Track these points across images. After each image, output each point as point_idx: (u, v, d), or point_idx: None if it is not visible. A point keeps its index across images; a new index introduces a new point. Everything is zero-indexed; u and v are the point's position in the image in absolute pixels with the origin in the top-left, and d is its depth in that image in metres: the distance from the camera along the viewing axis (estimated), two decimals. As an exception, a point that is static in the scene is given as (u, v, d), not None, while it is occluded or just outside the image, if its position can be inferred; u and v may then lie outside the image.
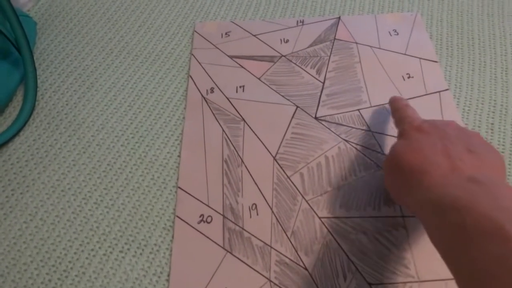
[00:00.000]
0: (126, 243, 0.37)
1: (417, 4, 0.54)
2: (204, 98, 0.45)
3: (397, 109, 0.39)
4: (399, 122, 0.37)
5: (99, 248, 0.36)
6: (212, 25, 0.52)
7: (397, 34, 0.50)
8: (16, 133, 0.43)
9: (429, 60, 0.48)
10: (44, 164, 0.41)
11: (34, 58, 0.49)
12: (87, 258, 0.36)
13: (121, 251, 0.36)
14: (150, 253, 0.36)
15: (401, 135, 0.35)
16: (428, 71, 0.47)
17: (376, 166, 0.40)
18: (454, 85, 0.46)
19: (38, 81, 0.47)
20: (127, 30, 0.52)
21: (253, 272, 0.35)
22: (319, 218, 0.37)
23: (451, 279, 0.33)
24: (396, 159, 0.32)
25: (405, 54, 0.48)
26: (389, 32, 0.50)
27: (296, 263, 0.35)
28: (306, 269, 0.35)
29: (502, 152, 0.41)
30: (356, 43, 0.50)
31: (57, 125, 0.44)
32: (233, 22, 0.52)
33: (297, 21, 0.52)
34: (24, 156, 0.42)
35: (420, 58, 0.48)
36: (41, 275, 0.35)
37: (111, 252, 0.36)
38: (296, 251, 0.36)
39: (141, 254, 0.36)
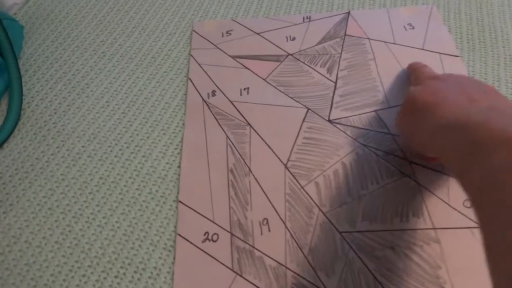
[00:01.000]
0: (121, 267, 0.32)
1: (431, -4, 0.50)
2: (205, 102, 0.41)
3: (414, 69, 0.40)
4: (416, 80, 0.37)
5: (91, 273, 0.32)
6: (211, 24, 0.48)
7: (413, 28, 0.46)
8: (0, 146, 0.39)
9: (450, 55, 0.44)
10: (30, 179, 0.37)
11: (20, 63, 0.45)
12: (77, 285, 0.32)
13: (116, 277, 0.32)
14: (149, 277, 0.32)
15: (417, 85, 0.34)
16: (450, 67, 0.43)
17: (400, 173, 0.36)
18: (479, 81, 0.42)
19: (24, 88, 0.43)
20: (120, 31, 0.48)
21: (267, 297, 0.30)
22: (339, 232, 0.33)
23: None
24: (411, 101, 0.32)
25: (423, 49, 0.44)
26: (404, 26, 0.46)
27: (315, 285, 0.31)
28: (327, 292, 0.30)
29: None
30: (369, 38, 0.46)
31: (45, 135, 0.40)
32: (234, 20, 0.49)
33: (304, 18, 0.48)
34: (8, 171, 0.37)
35: (440, 53, 0.44)
36: (25, 307, 0.31)
37: (105, 278, 0.32)
38: (315, 272, 0.31)
39: (139, 279, 0.32)
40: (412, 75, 0.40)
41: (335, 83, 0.42)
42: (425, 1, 0.49)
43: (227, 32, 0.47)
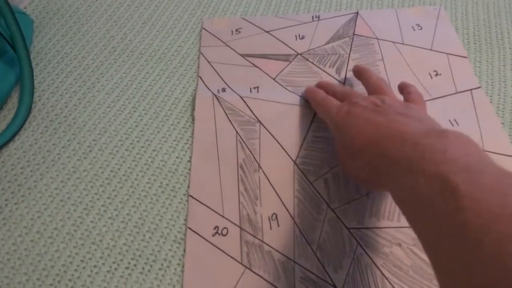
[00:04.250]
0: (132, 259, 0.33)
1: (439, -3, 0.50)
2: (215, 96, 0.42)
3: (316, 101, 0.38)
4: (326, 115, 0.36)
5: (103, 264, 0.32)
6: (221, 22, 0.49)
7: (421, 28, 0.47)
8: (11, 138, 0.39)
9: (457, 55, 0.44)
10: (42, 171, 0.37)
11: (31, 57, 0.45)
12: (89, 275, 0.32)
13: (127, 268, 0.32)
14: (160, 269, 0.32)
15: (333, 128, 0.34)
16: (457, 68, 0.43)
17: (407, 171, 0.36)
18: (486, 82, 0.42)
19: (35, 81, 0.43)
20: (130, 27, 0.49)
21: (275, 290, 0.31)
22: (348, 229, 0.33)
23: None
24: (343, 147, 0.33)
25: (431, 50, 0.45)
26: (412, 26, 0.47)
27: (323, 280, 0.31)
28: (334, 286, 0.31)
29: (545, 154, 0.38)
30: (377, 38, 0.46)
31: (56, 128, 0.40)
32: (243, 18, 0.49)
33: (313, 17, 0.49)
34: (20, 162, 0.38)
35: (447, 54, 0.44)
36: (37, 296, 0.31)
37: (116, 269, 0.32)
38: (323, 267, 0.32)
39: (149, 270, 0.32)
40: (317, 109, 0.39)
41: (344, 83, 0.43)
42: (432, 2, 0.50)
43: (236, 30, 0.48)
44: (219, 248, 0.33)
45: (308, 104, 0.41)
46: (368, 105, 0.32)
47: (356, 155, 0.30)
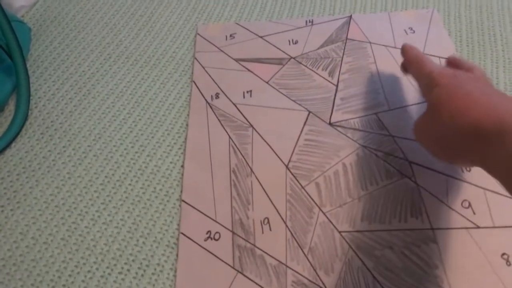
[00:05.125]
0: (126, 263, 0.33)
1: (432, 0, 0.50)
2: (208, 104, 0.42)
3: (411, 60, 0.36)
4: (420, 76, 0.34)
5: (96, 269, 0.33)
6: (215, 27, 0.49)
7: (414, 32, 0.47)
8: (7, 145, 0.40)
9: (449, 58, 0.44)
10: (37, 178, 0.38)
11: (28, 65, 0.46)
12: (83, 281, 0.32)
13: (120, 272, 0.33)
14: (153, 274, 0.33)
15: (431, 86, 0.31)
16: (449, 70, 0.43)
17: (400, 174, 0.36)
18: (478, 85, 0.42)
19: (32, 89, 0.44)
20: (125, 34, 0.49)
21: (267, 294, 0.31)
22: (339, 232, 0.34)
23: (490, 299, 0.30)
24: (437, 107, 0.29)
25: (423, 53, 0.45)
26: (405, 30, 0.47)
27: (315, 283, 0.31)
28: (326, 290, 0.31)
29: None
30: (370, 42, 0.46)
31: (51, 135, 0.41)
32: (237, 24, 0.49)
33: (306, 21, 0.49)
34: (16, 169, 0.38)
35: (439, 57, 0.44)
36: (32, 302, 0.31)
37: (109, 274, 0.33)
38: (315, 270, 0.32)
39: (142, 275, 0.32)
40: (412, 69, 0.36)
41: (337, 86, 0.43)
42: (425, 5, 0.50)
43: (230, 36, 0.48)
44: (211, 253, 0.33)
45: (300, 107, 0.41)
46: (470, 75, 0.31)
47: (455, 119, 0.27)
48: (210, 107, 0.42)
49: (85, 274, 0.33)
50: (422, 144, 0.32)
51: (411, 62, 0.36)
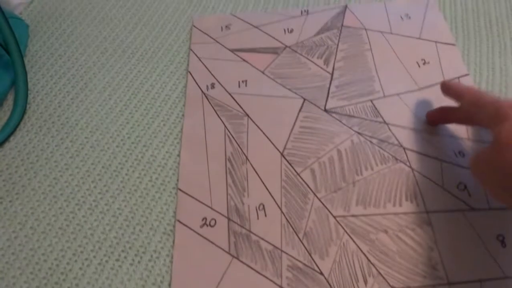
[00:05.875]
0: (123, 251, 0.33)
1: (428, -13, 0.50)
2: (204, 94, 0.42)
3: (465, 92, 0.33)
4: (481, 106, 0.30)
5: (94, 257, 0.33)
6: (211, 19, 0.49)
7: (410, 18, 0.47)
8: (6, 139, 0.40)
9: (445, 43, 0.44)
10: (35, 170, 0.38)
11: (26, 60, 0.47)
12: (80, 268, 0.33)
13: (117, 260, 0.33)
14: (149, 260, 0.33)
15: (497, 119, 0.27)
16: (445, 55, 0.43)
17: (394, 159, 0.36)
18: (474, 70, 0.42)
19: (30, 83, 0.45)
20: (122, 28, 0.49)
21: (262, 278, 0.31)
22: (334, 217, 0.34)
23: (485, 280, 0.30)
24: (504, 147, 0.25)
25: (419, 39, 0.45)
26: (401, 16, 0.47)
27: (310, 267, 0.31)
28: (321, 274, 0.31)
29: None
30: (366, 29, 0.46)
31: (49, 128, 0.41)
32: (233, 15, 0.50)
33: (301, 11, 0.49)
34: (14, 162, 0.39)
35: (436, 42, 0.44)
36: (30, 289, 0.32)
37: (106, 261, 0.33)
38: (310, 255, 0.32)
39: (139, 262, 0.33)
40: (465, 100, 0.33)
41: (332, 74, 0.43)
42: (421, -7, 0.50)
43: (226, 27, 0.48)
44: (207, 239, 0.33)
45: (295, 95, 0.41)
46: None
47: None
48: (206, 97, 0.42)
49: (83, 262, 0.33)
50: (480, 182, 0.29)
51: (464, 94, 0.33)
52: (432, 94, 0.41)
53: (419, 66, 0.43)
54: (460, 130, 0.38)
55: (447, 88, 0.36)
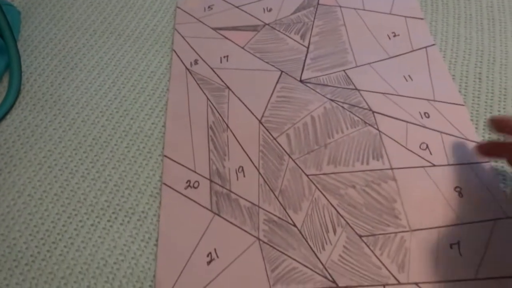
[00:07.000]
0: (113, 212, 0.36)
1: (400, -36, 0.53)
2: (188, 69, 0.45)
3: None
4: None
5: (87, 219, 0.36)
6: (194, 0, 0.52)
7: (381, -6, 0.49)
8: (3, 117, 0.43)
9: (414, 17, 0.47)
10: (31, 143, 0.41)
11: (19, 45, 0.49)
12: (75, 229, 0.36)
13: (108, 220, 0.36)
14: (138, 220, 0.36)
15: None
16: (413, 28, 0.46)
17: (363, 123, 0.39)
18: (440, 39, 0.45)
19: (23, 66, 0.47)
20: (109, 11, 0.52)
21: (241, 232, 0.34)
22: (307, 175, 0.37)
23: (443, 226, 0.33)
24: None
25: (390, 14, 0.48)
26: (373, -7, 0.50)
27: (284, 220, 0.34)
28: (295, 226, 0.34)
29: (491, 100, 0.40)
30: (340, 6, 0.49)
31: (43, 105, 0.44)
32: (215, -4, 0.52)
33: (280, -10, 0.52)
34: (11, 137, 0.41)
35: (405, 17, 0.47)
36: (30, 248, 0.35)
37: (98, 222, 0.36)
38: (285, 209, 0.35)
39: (128, 222, 0.36)
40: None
41: (308, 48, 0.46)
42: (394, -30, 0.52)
43: (209, 7, 0.51)
44: (191, 199, 0.36)
45: (273, 68, 0.44)
46: None
47: None
48: (190, 72, 0.45)
49: (77, 223, 0.36)
50: None
51: None
52: (401, 62, 0.43)
53: (389, 38, 0.45)
54: (426, 92, 0.41)
55: (500, 126, 0.33)
